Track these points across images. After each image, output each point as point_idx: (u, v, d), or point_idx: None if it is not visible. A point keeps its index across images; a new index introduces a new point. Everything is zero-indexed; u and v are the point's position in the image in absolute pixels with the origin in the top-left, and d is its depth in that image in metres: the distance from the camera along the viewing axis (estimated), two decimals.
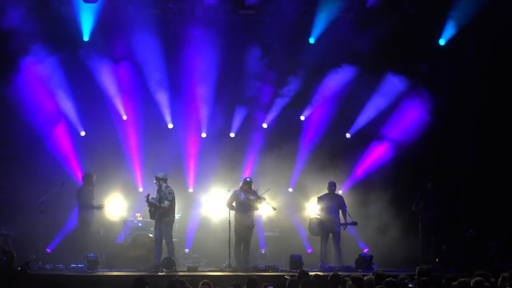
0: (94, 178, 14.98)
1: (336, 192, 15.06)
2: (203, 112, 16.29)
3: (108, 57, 15.73)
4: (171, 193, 14.14)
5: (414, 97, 16.35)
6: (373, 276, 9.27)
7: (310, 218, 15.05)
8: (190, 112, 16.27)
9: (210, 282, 8.98)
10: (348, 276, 9.37)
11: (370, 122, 16.53)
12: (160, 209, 13.97)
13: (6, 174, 15.49)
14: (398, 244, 15.42)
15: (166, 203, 14.01)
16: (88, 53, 15.62)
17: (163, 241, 14.05)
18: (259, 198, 14.38)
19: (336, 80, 16.31)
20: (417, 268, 9.36)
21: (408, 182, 16.06)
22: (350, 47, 15.88)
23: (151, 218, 14.23)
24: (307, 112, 16.63)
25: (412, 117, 16.32)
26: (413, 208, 15.23)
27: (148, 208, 14.11)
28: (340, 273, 10.24)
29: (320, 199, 14.95)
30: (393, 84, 16.24)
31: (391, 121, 16.44)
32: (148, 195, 14.00)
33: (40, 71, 15.53)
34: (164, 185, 14.15)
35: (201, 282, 8.98)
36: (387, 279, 8.76)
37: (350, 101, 16.37)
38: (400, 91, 16.31)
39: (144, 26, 15.48)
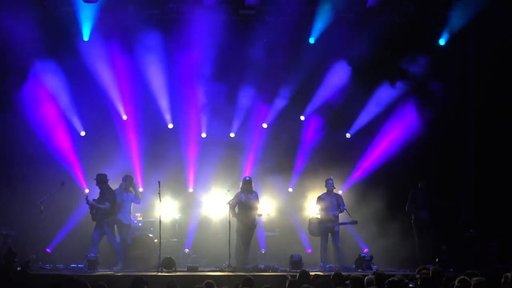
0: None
1: (334, 191, 15.05)
2: (203, 112, 16.29)
3: (108, 57, 15.72)
4: (112, 194, 14.35)
5: (414, 97, 16.36)
6: (373, 276, 9.27)
7: (310, 218, 15.07)
8: (190, 112, 16.27)
9: (213, 282, 8.96)
10: (349, 276, 9.37)
11: (370, 122, 16.53)
12: (101, 210, 14.15)
13: (6, 174, 15.51)
14: (398, 244, 15.41)
15: (107, 204, 14.22)
16: (88, 53, 15.60)
17: (108, 242, 14.29)
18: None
19: (336, 79, 16.31)
20: (432, 268, 9.31)
21: (409, 182, 16.04)
22: (350, 47, 15.87)
23: (93, 219, 14.36)
24: (307, 112, 16.63)
25: (412, 116, 16.31)
26: (406, 208, 15.25)
27: (90, 210, 14.28)
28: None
29: (319, 198, 14.96)
30: (393, 83, 16.25)
31: (391, 120, 16.44)
32: (87, 196, 14.25)
33: (40, 71, 15.52)
34: (105, 186, 14.34)
35: (205, 282, 8.96)
36: (389, 279, 8.76)
37: (350, 101, 16.38)
38: (400, 91, 16.31)
39: (144, 26, 15.48)
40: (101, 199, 14.29)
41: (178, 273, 13.29)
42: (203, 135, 16.44)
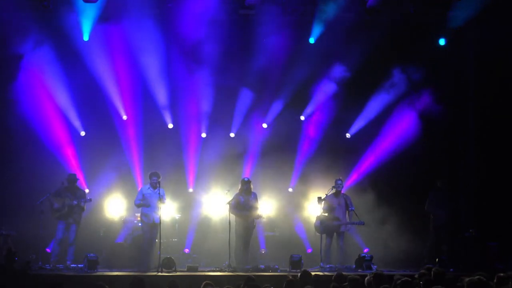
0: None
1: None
2: (203, 112, 16.29)
3: (108, 57, 15.71)
4: (86, 193, 14.64)
5: (414, 97, 16.35)
6: (371, 277, 9.25)
7: (317, 216, 14.96)
8: (190, 112, 16.27)
9: (212, 283, 8.94)
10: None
11: (370, 122, 16.53)
12: (76, 208, 14.29)
13: (6, 174, 15.50)
14: (398, 244, 15.40)
15: (82, 201, 14.36)
16: (88, 53, 15.59)
17: (69, 240, 14.32)
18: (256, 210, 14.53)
19: (336, 79, 16.31)
20: (433, 269, 9.30)
21: (409, 183, 16.07)
22: (350, 47, 15.87)
23: (62, 219, 14.32)
24: (307, 112, 16.64)
25: (412, 116, 16.31)
26: (425, 208, 15.16)
27: (62, 210, 14.30)
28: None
29: (325, 198, 14.84)
30: (392, 83, 16.25)
31: (392, 120, 16.44)
32: (88, 199, 14.46)
33: (40, 71, 15.52)
34: (76, 185, 14.47)
35: (204, 283, 8.92)
36: (402, 279, 8.73)
37: (350, 101, 16.39)
38: (400, 91, 16.31)
39: (143, 26, 15.47)
40: (79, 197, 14.36)
41: (178, 273, 13.29)
42: (203, 135, 16.44)
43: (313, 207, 15.45)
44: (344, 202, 14.80)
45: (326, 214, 14.74)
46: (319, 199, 14.87)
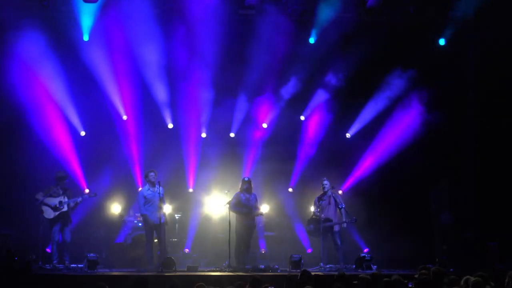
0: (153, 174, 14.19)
1: (333, 191, 15.01)
2: (203, 112, 16.30)
3: (108, 57, 15.71)
4: (79, 192, 14.78)
5: (414, 97, 16.35)
6: (369, 276, 9.25)
7: (308, 220, 15.01)
8: (190, 112, 16.27)
9: (204, 285, 8.90)
10: (351, 276, 9.35)
11: (370, 122, 16.53)
12: (70, 209, 14.28)
13: (6, 174, 15.50)
14: (398, 244, 15.40)
15: (72, 203, 14.34)
16: (88, 53, 15.59)
17: (66, 242, 14.24)
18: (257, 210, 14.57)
19: (336, 79, 16.31)
20: (433, 269, 9.29)
21: (408, 183, 16.06)
22: (349, 47, 15.87)
23: (62, 219, 14.23)
24: (307, 112, 16.64)
25: (412, 117, 16.31)
26: (429, 209, 15.12)
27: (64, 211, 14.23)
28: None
29: (317, 199, 14.88)
30: (392, 83, 16.25)
31: (391, 121, 16.44)
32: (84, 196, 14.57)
33: (40, 71, 15.52)
34: (65, 183, 14.42)
35: (196, 286, 8.88)
36: (385, 279, 8.74)
37: (350, 101, 16.39)
38: (400, 91, 16.31)
39: (143, 26, 15.47)
40: (70, 195, 14.32)
41: (178, 273, 13.28)
42: (203, 135, 16.44)
43: (313, 208, 15.44)
44: (333, 201, 14.79)
45: (316, 217, 14.75)
46: (315, 200, 14.91)
